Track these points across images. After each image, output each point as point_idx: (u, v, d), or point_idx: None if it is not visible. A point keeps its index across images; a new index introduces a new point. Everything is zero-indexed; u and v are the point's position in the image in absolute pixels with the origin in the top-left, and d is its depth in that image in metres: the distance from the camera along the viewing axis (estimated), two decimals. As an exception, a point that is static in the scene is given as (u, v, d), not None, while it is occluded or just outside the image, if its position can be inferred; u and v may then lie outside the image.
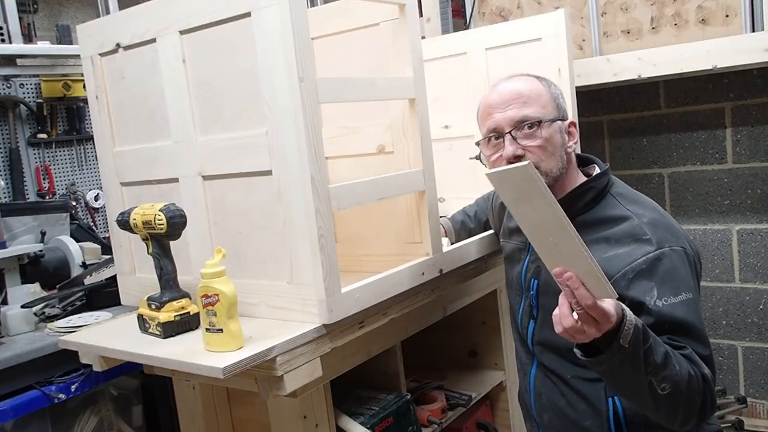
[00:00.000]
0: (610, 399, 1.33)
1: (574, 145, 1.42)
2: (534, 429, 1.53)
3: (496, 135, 1.40)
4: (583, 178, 1.44)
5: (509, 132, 1.37)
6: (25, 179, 2.76)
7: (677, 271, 1.25)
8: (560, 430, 1.42)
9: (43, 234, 2.24)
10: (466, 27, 3.12)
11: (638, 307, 1.23)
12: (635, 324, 1.10)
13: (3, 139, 2.71)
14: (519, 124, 1.36)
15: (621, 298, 1.21)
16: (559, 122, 1.39)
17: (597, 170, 1.44)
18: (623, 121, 3.10)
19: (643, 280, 1.24)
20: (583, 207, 1.38)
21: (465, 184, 2.45)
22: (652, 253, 1.25)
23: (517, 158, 1.35)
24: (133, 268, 1.63)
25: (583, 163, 1.49)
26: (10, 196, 2.67)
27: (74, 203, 2.88)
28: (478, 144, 1.46)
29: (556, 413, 1.42)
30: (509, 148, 1.36)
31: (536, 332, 1.45)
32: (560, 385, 1.41)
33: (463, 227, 1.88)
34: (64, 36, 2.96)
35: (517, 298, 1.51)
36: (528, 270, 1.45)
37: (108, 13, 3.08)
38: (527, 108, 1.36)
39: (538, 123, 1.35)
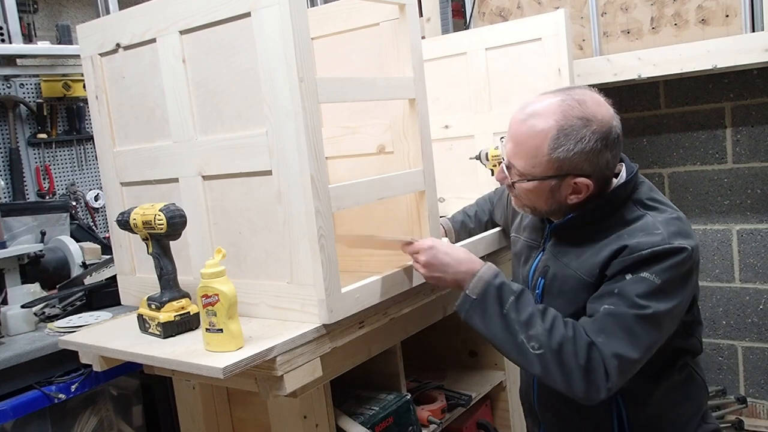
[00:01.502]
0: (614, 396, 1.33)
1: (577, 200, 1.32)
2: (536, 426, 1.53)
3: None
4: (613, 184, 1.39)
5: (506, 160, 1.37)
6: (25, 179, 2.76)
7: (667, 261, 1.22)
8: (563, 428, 1.42)
9: (43, 234, 2.24)
10: (466, 27, 3.12)
11: (610, 281, 1.26)
12: (488, 281, 1.30)
13: (3, 139, 2.71)
14: (510, 164, 1.35)
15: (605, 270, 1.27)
16: (552, 181, 1.30)
17: (623, 173, 1.37)
18: (623, 121, 3.03)
19: (639, 266, 1.23)
20: (605, 216, 1.33)
21: (465, 184, 2.45)
22: (660, 247, 1.22)
23: (507, 186, 1.39)
24: (133, 268, 1.63)
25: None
26: (10, 196, 2.67)
27: (74, 203, 2.88)
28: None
29: (560, 412, 1.42)
30: (499, 174, 1.39)
31: None
32: None
33: (463, 227, 1.88)
34: (64, 36, 2.96)
35: None
36: (537, 269, 1.44)
37: (108, 13, 3.08)
38: (516, 158, 1.33)
39: (520, 175, 1.33)
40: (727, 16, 2.58)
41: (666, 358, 1.33)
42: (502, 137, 1.43)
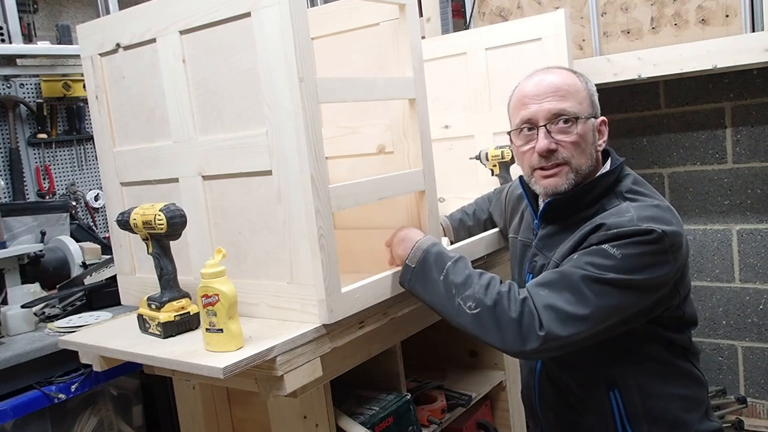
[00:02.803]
0: (611, 393, 1.34)
1: (603, 144, 1.41)
2: (537, 427, 1.53)
3: (529, 126, 1.38)
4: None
5: (544, 125, 1.35)
6: (25, 179, 2.76)
7: (632, 239, 1.22)
8: (565, 428, 1.42)
9: (43, 234, 2.24)
10: (466, 27, 3.12)
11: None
12: (426, 250, 1.35)
13: (3, 139, 2.71)
14: (555, 117, 1.34)
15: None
16: (593, 120, 1.38)
17: (607, 167, 1.42)
18: (623, 121, 3.10)
19: (604, 242, 1.23)
20: (586, 204, 1.37)
21: (465, 184, 2.45)
22: (626, 228, 1.23)
23: (550, 152, 1.35)
24: (133, 268, 1.63)
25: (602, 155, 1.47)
26: (10, 196, 2.67)
27: (74, 203, 2.88)
28: (509, 133, 1.45)
29: (561, 411, 1.42)
30: (543, 142, 1.35)
31: None
32: (562, 381, 1.41)
33: (461, 225, 1.88)
34: (64, 36, 2.96)
35: None
36: (529, 267, 1.46)
37: (108, 13, 3.08)
38: (565, 102, 1.35)
39: (575, 119, 1.34)
40: (727, 16, 2.58)
41: (661, 353, 1.33)
42: (518, 128, 1.42)
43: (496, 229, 1.85)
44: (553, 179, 1.37)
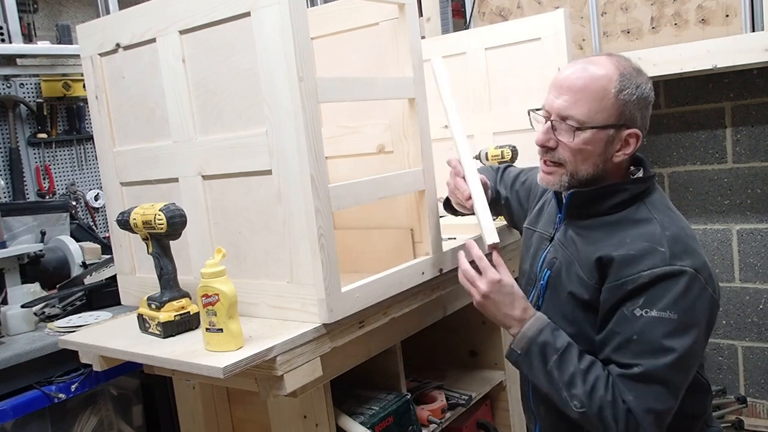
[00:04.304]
0: None
1: (623, 156, 1.33)
2: (532, 421, 1.53)
3: (544, 112, 1.36)
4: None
5: (551, 120, 1.32)
6: (25, 179, 2.76)
7: (673, 288, 1.21)
8: (556, 422, 1.42)
9: (43, 234, 2.24)
10: (466, 27, 3.12)
11: (611, 313, 1.26)
12: (531, 338, 1.30)
13: (3, 138, 2.71)
14: (562, 119, 1.31)
15: (599, 293, 1.28)
16: (611, 130, 1.29)
17: (640, 174, 1.38)
18: (623, 121, 3.09)
19: (638, 294, 1.22)
20: (611, 208, 1.33)
21: (465, 183, 2.45)
22: (661, 269, 1.21)
23: (546, 148, 1.34)
24: (133, 268, 1.63)
25: (633, 162, 1.42)
26: (10, 196, 2.67)
27: (74, 203, 2.88)
28: (537, 110, 1.40)
29: (552, 406, 1.42)
30: (540, 136, 1.33)
31: None
32: None
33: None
34: (64, 36, 2.96)
35: (528, 287, 1.48)
36: (546, 260, 1.42)
37: (108, 13, 3.08)
38: (577, 107, 1.28)
39: (582, 127, 1.29)
40: (727, 16, 2.58)
41: None
42: (537, 109, 1.38)
43: (503, 223, 1.83)
44: (547, 176, 1.37)
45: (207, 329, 1.21)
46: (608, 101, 1.28)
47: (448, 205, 1.76)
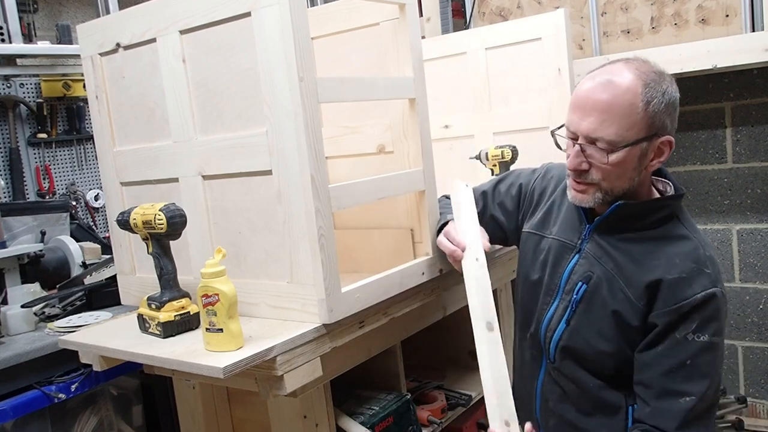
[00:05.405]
0: (630, 407, 1.32)
1: (658, 164, 1.28)
2: (534, 426, 1.51)
3: (570, 133, 1.28)
4: (655, 193, 1.35)
5: (579, 144, 1.25)
6: (25, 179, 2.76)
7: (720, 312, 1.24)
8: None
9: (43, 234, 2.24)
10: (466, 27, 3.12)
11: (662, 336, 1.25)
12: None
13: (3, 138, 2.71)
14: (591, 141, 1.24)
15: (647, 315, 1.27)
16: (644, 143, 1.23)
17: (670, 189, 1.35)
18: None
19: (691, 318, 1.23)
20: (653, 222, 1.31)
21: (465, 183, 2.45)
22: (710, 290, 1.23)
23: (580, 172, 1.28)
24: (133, 268, 1.63)
25: (655, 173, 1.36)
26: (10, 196, 2.67)
27: (74, 203, 2.88)
28: (559, 128, 1.34)
29: (563, 420, 1.40)
30: (573, 161, 1.27)
31: (565, 338, 1.35)
32: (573, 393, 1.37)
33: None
34: (64, 36, 2.96)
35: (547, 298, 1.40)
36: (575, 272, 1.35)
37: (108, 13, 3.08)
38: (606, 128, 1.21)
39: (612, 149, 1.22)
40: (727, 15, 2.58)
41: None
42: (559, 126, 1.33)
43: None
44: (579, 194, 1.31)
45: (207, 329, 1.21)
46: (637, 116, 1.21)
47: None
